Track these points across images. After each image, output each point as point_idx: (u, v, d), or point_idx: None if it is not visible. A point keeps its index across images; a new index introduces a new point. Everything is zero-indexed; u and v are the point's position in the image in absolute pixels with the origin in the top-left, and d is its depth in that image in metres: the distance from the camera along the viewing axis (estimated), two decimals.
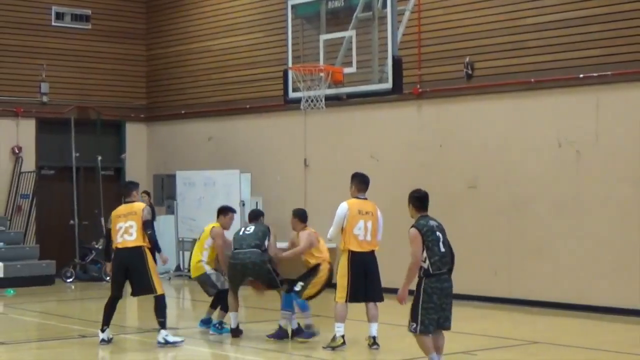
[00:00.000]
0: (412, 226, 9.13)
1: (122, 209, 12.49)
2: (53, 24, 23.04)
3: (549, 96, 16.09)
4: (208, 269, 13.57)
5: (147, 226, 12.21)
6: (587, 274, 15.24)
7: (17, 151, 22.50)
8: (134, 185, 13.21)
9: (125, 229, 12.19)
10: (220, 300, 13.69)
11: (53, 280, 20.73)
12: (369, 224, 12.11)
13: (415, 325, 8.82)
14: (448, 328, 9.17)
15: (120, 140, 24.39)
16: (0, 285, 19.37)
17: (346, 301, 11.93)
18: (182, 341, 12.42)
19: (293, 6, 15.80)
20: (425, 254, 8.82)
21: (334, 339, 11.96)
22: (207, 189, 21.39)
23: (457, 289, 9.59)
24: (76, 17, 23.39)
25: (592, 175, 15.32)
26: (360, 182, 12.29)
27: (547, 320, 14.89)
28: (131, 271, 12.15)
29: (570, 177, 15.78)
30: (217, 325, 13.66)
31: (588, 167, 15.52)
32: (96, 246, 21.20)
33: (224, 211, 13.86)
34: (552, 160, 16.00)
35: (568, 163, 15.76)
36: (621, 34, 15.12)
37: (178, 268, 21.73)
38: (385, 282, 14.27)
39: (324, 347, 12.11)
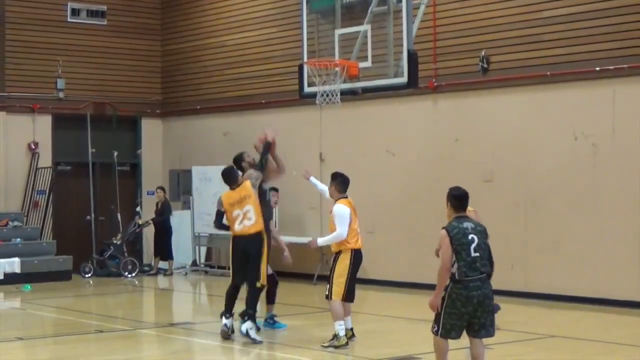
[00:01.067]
0: (443, 227, 8.83)
1: (232, 195, 12.38)
2: (69, 20, 23.17)
3: (565, 89, 16.05)
4: None
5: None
6: (604, 267, 15.24)
7: (33, 147, 22.58)
8: (235, 170, 12.71)
9: (244, 215, 12.14)
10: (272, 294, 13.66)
11: (70, 276, 20.76)
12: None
13: (436, 328, 8.60)
14: (483, 337, 8.78)
15: (135, 136, 24.45)
16: (18, 281, 19.49)
17: (342, 299, 11.79)
18: (261, 342, 12.19)
19: (308, 1, 15.79)
20: (454, 258, 8.47)
21: (337, 338, 11.70)
22: (223, 184, 21.42)
23: None
24: (92, 13, 23.47)
25: (609, 168, 15.31)
26: (342, 183, 12.19)
27: (564, 314, 14.89)
28: (249, 258, 12.17)
29: (587, 170, 15.78)
30: (269, 320, 13.60)
31: (604, 160, 15.50)
32: (115, 242, 21.41)
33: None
34: (568, 154, 16.02)
35: (584, 157, 15.76)
36: (638, 26, 15.02)
37: (194, 263, 21.91)
38: (399, 276, 14.48)
39: (324, 346, 11.87)
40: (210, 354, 12.79)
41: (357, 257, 11.94)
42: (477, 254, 8.58)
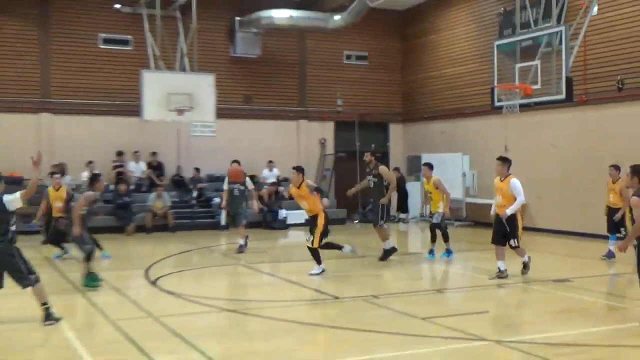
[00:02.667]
0: (634, 194, 7.85)
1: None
2: (344, 62, 23.95)
3: None
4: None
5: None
6: None
7: (322, 142, 23.68)
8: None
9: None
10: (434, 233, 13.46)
11: (344, 222, 21.31)
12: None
13: None
14: None
15: (385, 135, 24.84)
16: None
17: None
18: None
19: (497, 45, 16.36)
20: None
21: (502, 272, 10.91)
22: (441, 165, 22.07)
23: None
24: (358, 57, 24.18)
25: None
26: (509, 164, 10.98)
27: None
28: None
29: None
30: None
31: None
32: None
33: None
34: None
35: None
36: None
37: (421, 215, 21.94)
38: (558, 225, 14.01)
39: (490, 278, 10.98)
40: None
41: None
42: None
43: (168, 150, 21.26)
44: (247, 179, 15.15)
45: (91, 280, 10.46)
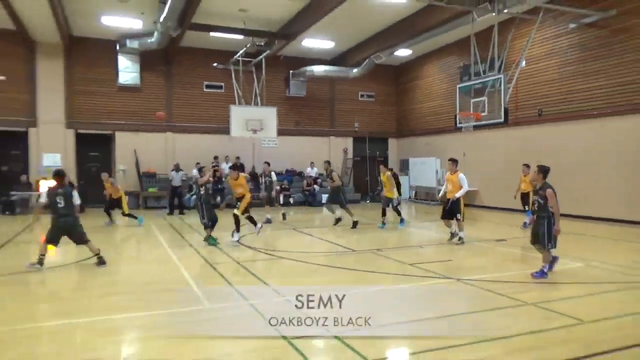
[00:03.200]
0: (542, 187, 7.03)
1: None
2: (359, 99, 23.03)
3: (581, 124, 14.68)
4: None
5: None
6: None
7: (345, 150, 22.60)
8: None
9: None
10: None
11: (359, 202, 20.56)
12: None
13: None
14: None
15: (385, 145, 23.75)
16: None
17: None
18: None
19: (459, 87, 15.72)
20: None
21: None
22: (421, 165, 21.36)
23: None
24: (369, 95, 23.31)
25: None
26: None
27: None
28: None
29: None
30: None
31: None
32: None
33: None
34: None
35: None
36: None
37: None
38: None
39: (448, 240, 10.06)
40: None
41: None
42: None
43: (246, 155, 21.29)
44: (272, 173, 14.69)
45: (212, 240, 10.31)
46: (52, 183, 8.04)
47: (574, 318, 5.41)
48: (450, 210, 10.29)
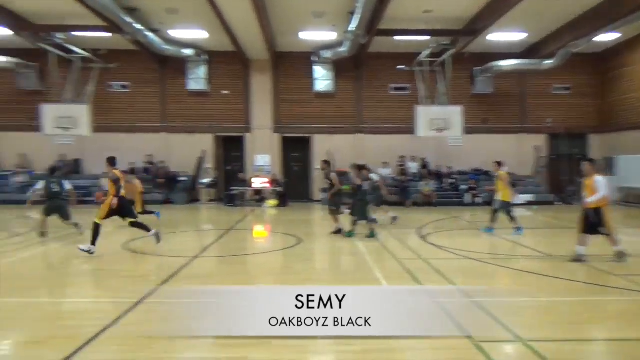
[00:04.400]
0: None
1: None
2: (552, 92, 21.74)
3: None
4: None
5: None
6: None
7: (537, 148, 21.47)
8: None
9: None
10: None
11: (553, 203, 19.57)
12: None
13: None
14: None
15: (583, 142, 21.89)
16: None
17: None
18: None
19: None
20: None
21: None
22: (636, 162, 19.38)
23: None
24: (565, 88, 21.79)
25: None
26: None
27: None
28: None
29: None
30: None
31: None
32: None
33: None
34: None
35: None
36: None
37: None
38: None
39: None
40: None
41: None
42: None
43: (431, 155, 21.38)
44: (372, 175, 13.83)
45: (371, 235, 10.58)
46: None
47: None
48: (592, 225, 7.98)
